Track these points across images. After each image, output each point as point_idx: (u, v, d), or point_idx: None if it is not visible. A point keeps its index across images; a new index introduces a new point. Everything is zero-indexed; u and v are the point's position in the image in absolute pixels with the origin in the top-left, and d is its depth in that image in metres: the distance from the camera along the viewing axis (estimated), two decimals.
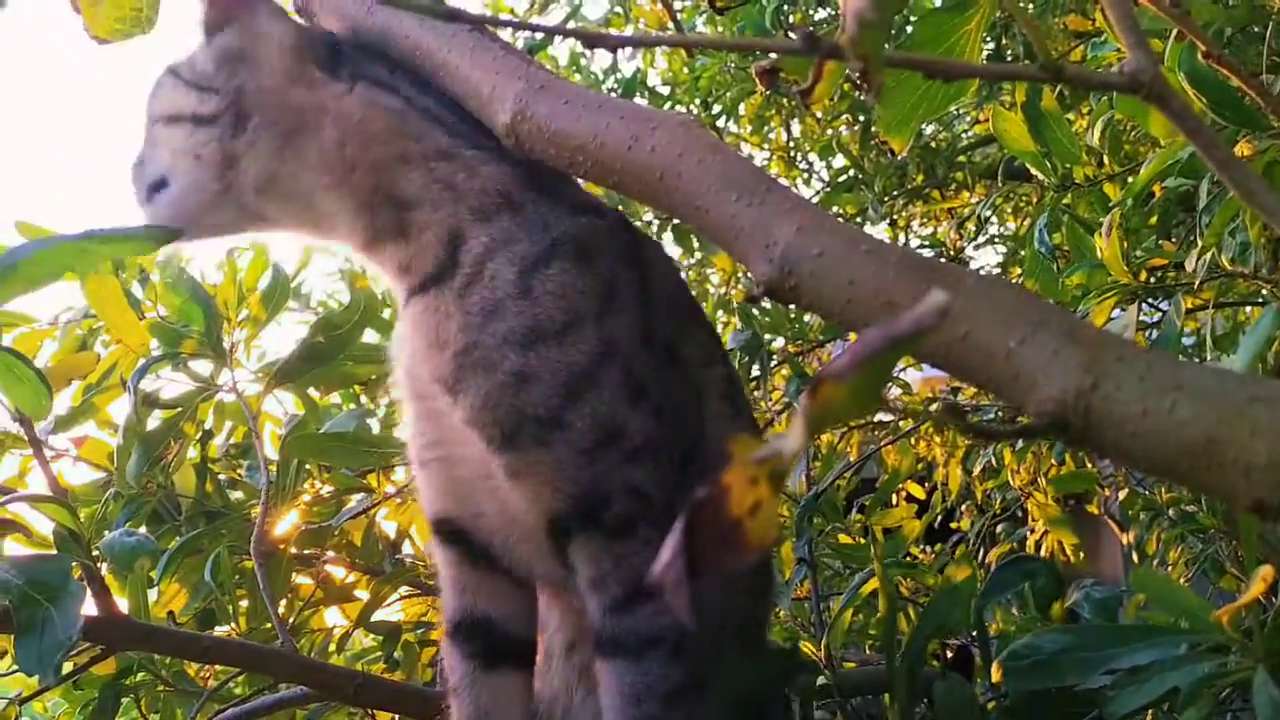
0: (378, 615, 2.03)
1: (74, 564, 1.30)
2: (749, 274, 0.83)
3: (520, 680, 1.19)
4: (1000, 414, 2.15)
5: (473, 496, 1.15)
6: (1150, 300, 1.80)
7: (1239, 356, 0.81)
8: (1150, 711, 1.14)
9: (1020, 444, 2.30)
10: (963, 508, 3.03)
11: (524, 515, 1.10)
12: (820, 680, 1.40)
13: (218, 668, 1.84)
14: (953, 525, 3.08)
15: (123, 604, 1.54)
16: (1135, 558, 2.42)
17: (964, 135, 4.15)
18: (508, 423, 1.04)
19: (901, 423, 2.52)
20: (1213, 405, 0.62)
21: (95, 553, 1.47)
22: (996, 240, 4.48)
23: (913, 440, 2.70)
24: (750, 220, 0.81)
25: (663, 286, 1.20)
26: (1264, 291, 1.58)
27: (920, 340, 0.46)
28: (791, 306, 1.71)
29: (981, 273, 0.78)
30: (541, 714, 1.23)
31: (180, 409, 1.78)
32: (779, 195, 0.82)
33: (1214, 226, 1.24)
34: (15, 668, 1.32)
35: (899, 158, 3.85)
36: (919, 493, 3.06)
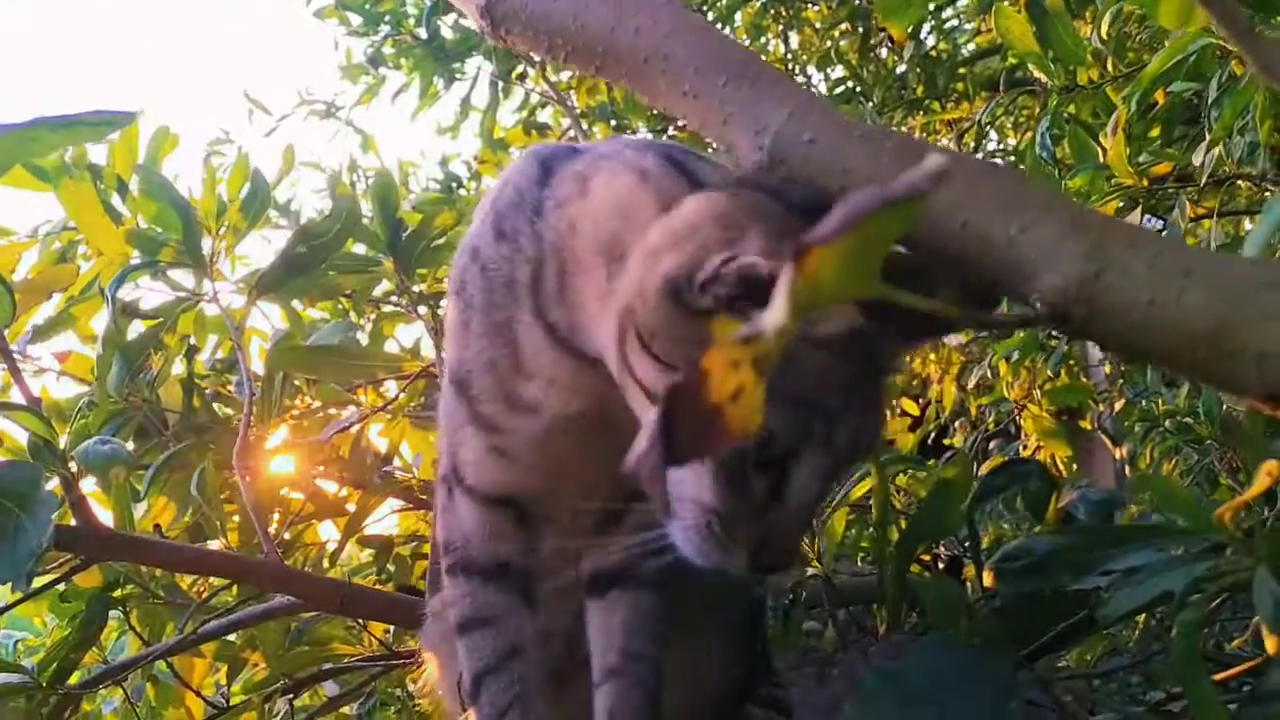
0: (372, 530, 2.01)
1: (48, 473, 1.28)
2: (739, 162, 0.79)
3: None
4: None
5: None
6: (1154, 212, 1.75)
7: (1249, 245, 0.78)
8: (1145, 615, 1.12)
9: (1016, 356, 2.27)
10: (956, 424, 3.01)
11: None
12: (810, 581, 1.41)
13: (211, 581, 1.83)
14: (945, 442, 3.06)
15: (108, 518, 1.52)
16: (1128, 471, 2.40)
17: (965, 47, 4.04)
18: None
19: None
20: (1223, 291, 0.58)
21: (74, 466, 1.44)
22: (997, 155, 4.40)
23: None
24: (739, 105, 0.77)
25: None
26: (1268, 198, 1.54)
27: (916, 206, 0.42)
28: None
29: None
30: None
31: (161, 319, 1.74)
32: (769, 78, 0.77)
33: (1224, 120, 1.20)
34: None
35: (898, 70, 3.75)
36: (913, 409, 3.04)
